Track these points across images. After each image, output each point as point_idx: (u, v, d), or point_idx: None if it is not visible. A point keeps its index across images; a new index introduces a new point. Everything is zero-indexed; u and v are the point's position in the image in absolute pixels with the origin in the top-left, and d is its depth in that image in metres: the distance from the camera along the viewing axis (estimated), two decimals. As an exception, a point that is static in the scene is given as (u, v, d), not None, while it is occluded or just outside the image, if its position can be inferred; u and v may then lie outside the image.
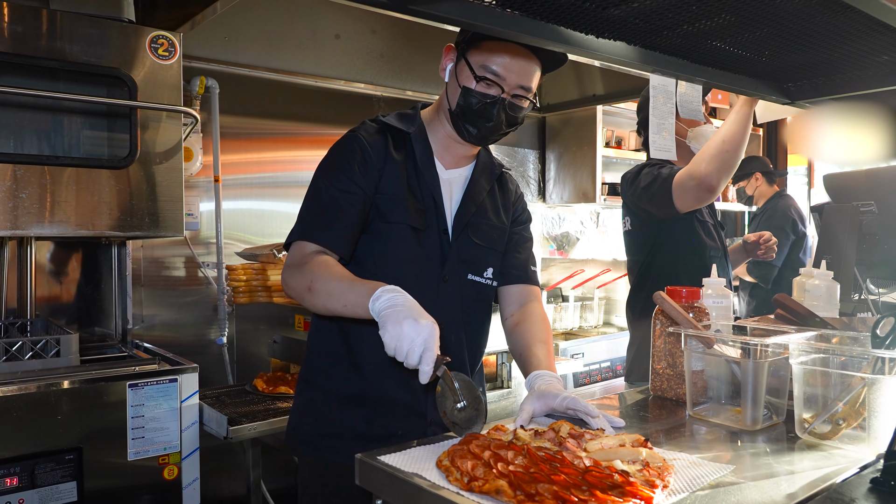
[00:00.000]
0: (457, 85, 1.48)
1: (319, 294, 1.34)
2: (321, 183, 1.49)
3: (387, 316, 1.19)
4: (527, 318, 1.62)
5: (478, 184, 1.61)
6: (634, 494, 0.92)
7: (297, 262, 1.42)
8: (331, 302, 1.33)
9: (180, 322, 2.99)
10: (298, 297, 1.40)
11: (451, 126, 1.53)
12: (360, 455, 1.10)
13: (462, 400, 1.23)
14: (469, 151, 1.59)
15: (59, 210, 2.09)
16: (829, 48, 1.38)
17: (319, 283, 1.35)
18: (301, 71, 3.33)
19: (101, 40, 2.15)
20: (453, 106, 1.49)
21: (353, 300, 1.29)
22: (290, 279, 1.42)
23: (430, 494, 0.95)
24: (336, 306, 1.33)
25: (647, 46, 1.34)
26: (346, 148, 1.50)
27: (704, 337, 1.38)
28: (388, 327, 1.18)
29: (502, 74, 1.43)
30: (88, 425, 1.99)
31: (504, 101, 1.45)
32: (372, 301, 1.24)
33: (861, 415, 1.18)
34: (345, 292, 1.31)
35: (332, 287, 1.33)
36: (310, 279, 1.36)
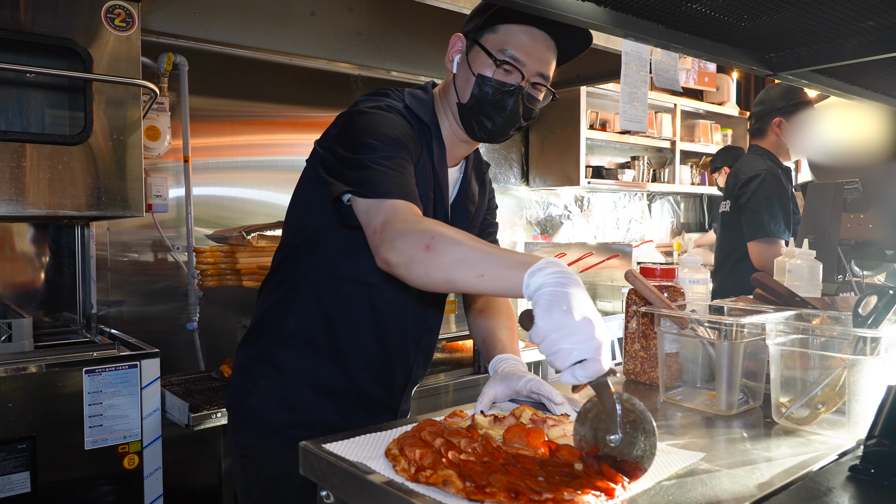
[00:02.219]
0: (470, 74, 1.35)
1: (442, 257, 1.06)
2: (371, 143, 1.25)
3: (553, 296, 0.92)
4: (491, 305, 1.56)
5: (471, 185, 1.54)
6: (594, 486, 0.85)
7: (404, 217, 1.16)
8: (457, 269, 1.06)
9: (150, 307, 2.91)
10: (406, 262, 1.11)
11: (459, 122, 1.41)
12: (305, 442, 1.02)
13: (618, 432, 0.92)
14: (466, 152, 1.51)
15: (11, 188, 1.99)
16: (811, 10, 1.31)
17: (444, 244, 1.07)
18: (275, 49, 3.22)
19: (55, 10, 2.04)
20: (465, 98, 1.37)
21: (497, 271, 1.02)
22: (397, 240, 1.12)
23: (372, 485, 0.88)
24: (465, 276, 1.05)
25: (618, 8, 1.26)
26: (388, 115, 1.32)
27: (678, 317, 1.31)
28: (553, 312, 0.90)
29: (522, 59, 1.33)
30: (43, 413, 1.90)
31: (523, 90, 1.35)
32: (530, 274, 0.97)
33: (841, 398, 1.11)
34: (484, 260, 1.04)
35: (464, 251, 1.06)
36: (429, 237, 1.09)
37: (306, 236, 1.43)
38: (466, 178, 1.53)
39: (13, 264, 2.52)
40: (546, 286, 0.94)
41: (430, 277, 1.08)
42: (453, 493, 0.83)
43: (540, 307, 0.92)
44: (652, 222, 5.39)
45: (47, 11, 2.02)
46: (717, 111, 5.28)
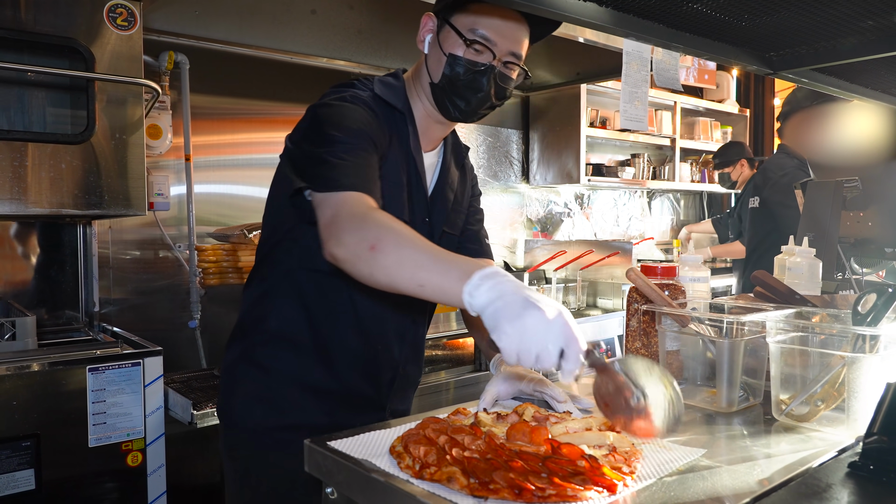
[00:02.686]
0: (441, 54, 1.34)
1: (385, 260, 1.02)
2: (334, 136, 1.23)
3: (497, 312, 0.91)
4: None
5: (450, 170, 1.52)
6: (597, 482, 0.86)
7: (354, 212, 1.12)
8: (399, 274, 1.02)
9: (152, 305, 2.91)
10: (351, 259, 1.08)
11: (432, 103, 1.40)
12: (309, 441, 1.03)
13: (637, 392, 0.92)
14: (443, 133, 1.49)
15: (14, 187, 2.00)
16: (811, 10, 1.31)
17: (389, 245, 1.03)
18: (276, 47, 3.23)
19: (57, 9, 2.04)
20: (436, 78, 1.36)
21: (437, 283, 0.99)
22: (343, 235, 1.09)
23: (378, 482, 0.89)
24: (406, 283, 1.02)
25: (619, 8, 1.27)
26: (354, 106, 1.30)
27: (679, 315, 1.32)
28: (504, 327, 0.89)
29: (493, 38, 1.31)
30: (47, 411, 1.91)
31: (495, 69, 1.34)
32: (469, 293, 0.95)
33: (840, 396, 1.12)
34: (424, 267, 1.00)
35: (406, 255, 1.02)
36: (375, 235, 1.05)
37: (284, 232, 1.41)
38: (445, 164, 1.51)
39: (15, 262, 2.53)
40: (488, 307, 0.92)
41: (374, 279, 1.06)
42: (457, 489, 0.84)
43: (494, 330, 0.91)
44: (652, 219, 5.39)
45: (49, 11, 2.03)
46: (717, 108, 5.29)
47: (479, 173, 4.13)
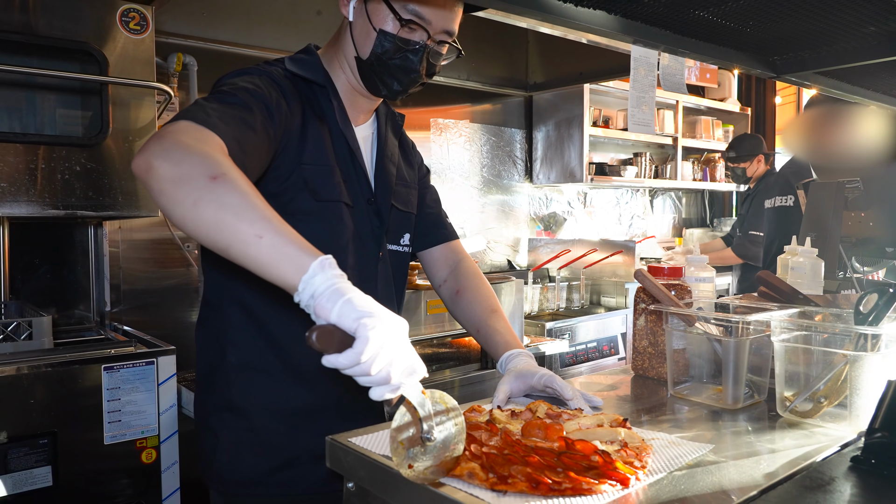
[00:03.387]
0: (370, 28, 1.22)
1: (223, 196, 0.86)
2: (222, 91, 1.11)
3: (372, 307, 0.84)
4: (466, 285, 1.48)
5: (389, 142, 1.42)
6: (610, 475, 0.90)
7: (194, 136, 0.95)
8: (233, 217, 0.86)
9: (162, 304, 2.95)
10: (178, 179, 0.88)
11: (358, 78, 1.29)
12: (331, 437, 1.07)
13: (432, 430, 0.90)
14: (373, 105, 1.39)
15: (30, 189, 2.03)
16: (814, 18, 1.35)
17: (233, 182, 0.88)
18: (282, 48, 3.25)
19: (71, 14, 2.08)
20: (364, 54, 1.24)
21: (279, 241, 0.86)
22: (175, 151, 0.90)
23: (399, 477, 0.92)
24: (240, 229, 0.86)
25: (627, 16, 1.30)
26: (258, 77, 1.18)
27: (685, 314, 1.35)
28: (383, 325, 0.83)
29: (428, 17, 1.22)
30: (63, 409, 1.95)
31: (428, 48, 1.25)
32: (320, 265, 0.85)
33: (843, 392, 1.16)
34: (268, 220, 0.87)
35: (250, 201, 0.87)
36: (221, 169, 0.89)
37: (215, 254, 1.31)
38: (381, 136, 1.41)
39: (27, 263, 2.57)
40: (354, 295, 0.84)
41: (198, 210, 0.87)
42: (477, 483, 0.88)
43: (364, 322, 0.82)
44: (654, 218, 5.43)
45: (64, 16, 2.06)
46: (719, 107, 5.32)
47: (483, 172, 4.17)
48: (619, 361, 3.58)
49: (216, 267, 1.30)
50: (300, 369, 1.28)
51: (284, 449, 1.28)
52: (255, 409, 1.28)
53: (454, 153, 4.04)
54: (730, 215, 5.84)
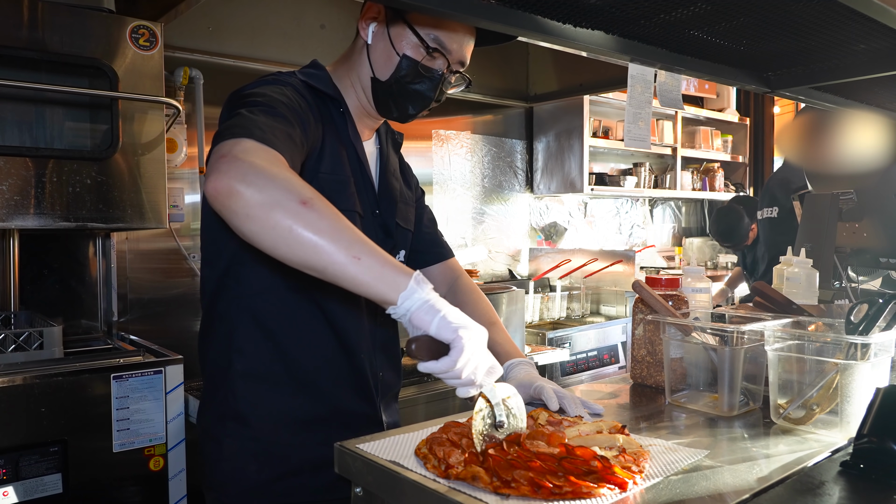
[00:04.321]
0: (392, 52, 1.25)
1: (317, 220, 0.91)
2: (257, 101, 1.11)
3: (461, 319, 0.96)
4: (465, 300, 1.50)
5: (390, 158, 1.45)
6: (609, 480, 0.93)
7: (271, 160, 0.98)
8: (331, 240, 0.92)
9: (168, 313, 2.98)
10: (269, 204, 0.91)
11: (369, 97, 1.31)
12: (339, 444, 1.10)
13: (503, 416, 1.06)
14: (376, 124, 1.42)
15: (41, 202, 2.08)
16: (806, 37, 1.39)
17: (323, 206, 0.93)
18: (286, 61, 3.31)
19: (82, 30, 2.13)
20: (383, 76, 1.27)
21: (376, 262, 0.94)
22: (259, 176, 0.93)
23: (406, 482, 0.96)
24: (337, 252, 0.92)
25: (625, 35, 1.35)
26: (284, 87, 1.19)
27: (682, 324, 1.39)
28: (471, 334, 0.96)
29: (450, 47, 1.25)
30: (73, 417, 1.98)
31: (445, 77, 1.28)
32: (417, 282, 0.96)
33: (834, 400, 1.20)
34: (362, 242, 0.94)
35: (342, 224, 0.94)
36: (309, 193, 0.93)
37: (228, 260, 1.28)
38: (384, 153, 1.43)
39: (36, 274, 2.61)
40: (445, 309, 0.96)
41: (293, 235, 0.91)
42: (481, 487, 0.92)
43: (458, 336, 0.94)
44: (654, 228, 5.47)
45: (75, 33, 2.11)
46: (718, 118, 5.37)
47: (484, 183, 4.21)
48: (619, 370, 3.61)
49: (227, 279, 1.30)
50: (305, 379, 1.30)
51: (287, 458, 1.29)
52: (260, 419, 1.29)
53: (455, 164, 4.09)
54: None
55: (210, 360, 1.35)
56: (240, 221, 0.92)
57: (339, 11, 3.45)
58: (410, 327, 0.97)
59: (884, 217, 2.03)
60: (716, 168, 5.38)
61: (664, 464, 1.03)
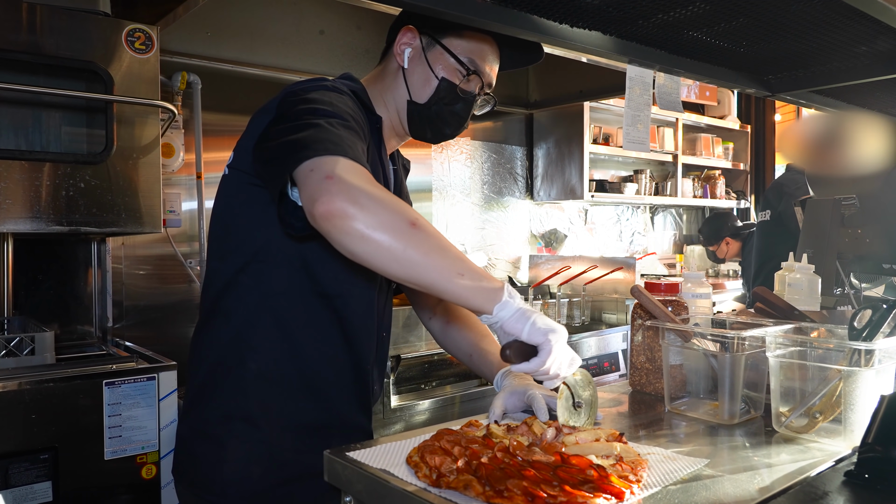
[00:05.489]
0: (430, 75, 1.29)
1: (427, 240, 0.98)
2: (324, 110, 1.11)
3: (547, 325, 1.08)
4: (456, 313, 1.51)
5: (403, 184, 1.49)
6: (605, 489, 0.90)
7: (371, 182, 1.01)
8: (440, 259, 0.99)
9: (164, 320, 2.96)
10: (383, 227, 0.96)
11: (402, 119, 1.34)
12: (329, 451, 1.08)
13: (580, 398, 1.22)
14: (399, 145, 1.45)
15: (34, 206, 2.06)
16: (806, 38, 1.37)
17: (428, 227, 1.00)
18: (285, 66, 3.30)
19: (77, 34, 2.11)
20: (421, 99, 1.30)
21: (477, 277, 1.02)
22: (366, 200, 0.96)
23: (397, 491, 0.93)
24: (445, 268, 0.99)
25: (622, 36, 1.33)
26: (342, 95, 1.20)
27: (682, 330, 1.36)
28: (557, 337, 1.08)
29: (484, 70, 1.31)
30: (64, 424, 1.95)
31: (477, 99, 1.34)
32: (510, 295, 1.07)
33: (837, 408, 1.17)
34: (464, 259, 1.02)
35: (445, 242, 1.02)
36: (414, 214, 1.00)
37: (249, 256, 1.25)
38: (398, 176, 1.47)
39: (30, 279, 2.58)
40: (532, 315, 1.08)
41: (407, 255, 0.97)
42: (473, 496, 0.89)
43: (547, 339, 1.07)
44: (654, 235, 5.45)
45: (71, 36, 2.10)
46: (719, 125, 5.36)
47: (483, 189, 4.20)
48: (619, 378, 3.57)
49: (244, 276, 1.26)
50: (315, 385, 1.29)
51: (290, 464, 1.27)
52: (269, 422, 1.26)
53: (455, 170, 4.07)
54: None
55: (212, 356, 1.30)
56: (353, 242, 0.97)
57: (339, 17, 3.43)
58: (502, 333, 1.09)
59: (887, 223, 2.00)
60: (717, 175, 5.36)
61: (663, 473, 1.01)
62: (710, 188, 5.29)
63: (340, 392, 1.33)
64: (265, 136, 1.15)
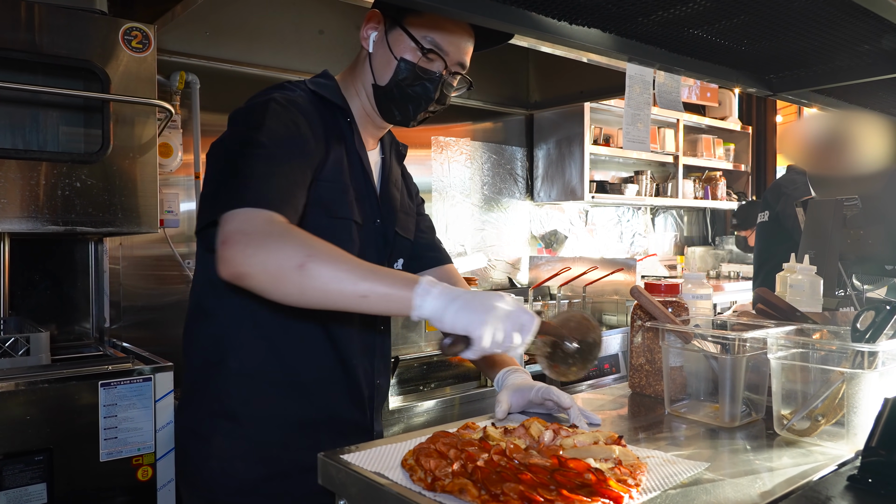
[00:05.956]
0: (391, 57, 1.29)
1: (319, 276, 1.00)
2: (261, 141, 1.15)
3: (465, 308, 1.02)
4: None
5: (393, 168, 1.47)
6: (603, 494, 0.89)
7: (266, 230, 1.05)
8: (337, 289, 1.01)
9: (161, 320, 2.94)
10: (274, 279, 1.02)
11: (373, 104, 1.35)
12: (322, 454, 1.06)
13: (573, 341, 1.19)
14: (380, 133, 1.45)
15: (30, 205, 2.04)
16: (809, 36, 1.36)
17: (319, 262, 1.01)
18: (284, 66, 3.28)
19: (74, 32, 2.10)
20: (383, 81, 1.31)
21: (383, 291, 1.02)
22: (257, 253, 1.02)
23: (391, 495, 0.92)
24: (346, 295, 1.02)
25: (622, 34, 1.31)
26: (287, 110, 1.22)
27: (682, 331, 1.35)
28: (479, 317, 1.01)
29: (446, 48, 1.29)
30: (59, 425, 1.94)
31: (443, 78, 1.31)
32: (420, 295, 1.02)
33: (840, 411, 1.15)
34: (364, 279, 1.02)
35: (342, 270, 1.02)
36: (304, 254, 1.01)
37: None
38: (387, 162, 1.46)
39: (27, 279, 2.57)
40: (448, 307, 1.02)
41: (305, 297, 1.03)
42: (469, 500, 0.87)
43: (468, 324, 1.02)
44: (655, 236, 5.43)
45: (68, 34, 2.08)
46: (720, 126, 5.34)
47: (483, 190, 4.18)
48: (619, 380, 3.55)
49: None
50: (298, 383, 1.30)
51: (276, 459, 1.29)
52: (251, 417, 1.29)
53: (455, 171, 4.05)
54: (731, 234, 5.83)
55: (199, 355, 1.34)
56: (264, 294, 1.05)
57: (338, 17, 3.42)
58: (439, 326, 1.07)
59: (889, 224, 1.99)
60: (718, 176, 5.35)
61: (662, 477, 0.99)
62: (711, 189, 5.27)
63: (327, 388, 1.33)
64: (214, 156, 1.26)
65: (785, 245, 3.09)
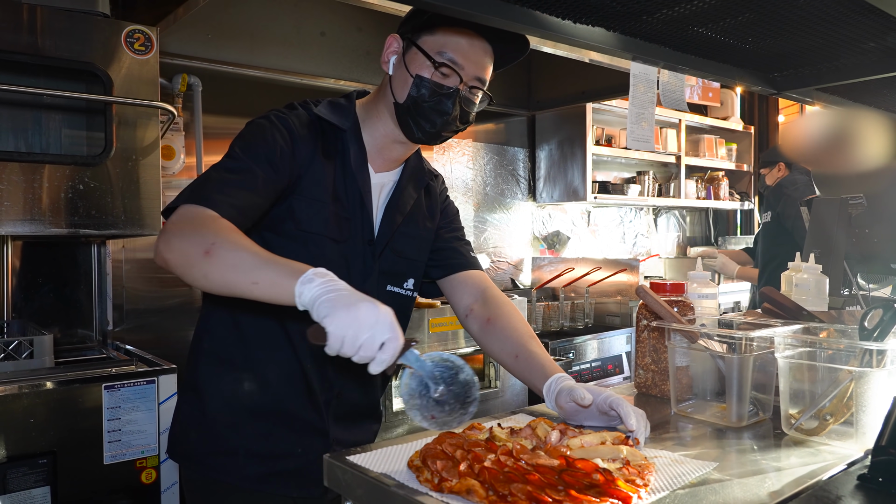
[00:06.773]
0: (407, 75, 1.33)
1: (220, 262, 1.07)
2: (234, 152, 1.29)
3: (331, 301, 0.99)
4: (498, 312, 1.48)
5: (405, 191, 1.47)
6: (612, 494, 0.88)
7: (190, 221, 1.15)
8: (234, 275, 1.07)
9: (164, 323, 2.94)
10: (185, 264, 1.11)
11: (396, 123, 1.38)
12: (328, 455, 1.06)
13: (439, 384, 1.09)
14: (403, 155, 1.46)
15: (32, 208, 2.04)
16: (813, 34, 1.35)
17: (223, 249, 1.08)
18: (286, 69, 3.28)
19: (76, 35, 2.10)
20: (401, 99, 1.34)
21: (271, 278, 1.05)
22: (174, 240, 1.13)
23: (398, 496, 0.91)
24: (240, 282, 1.07)
25: (626, 32, 1.31)
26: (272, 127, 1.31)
27: (688, 331, 1.34)
28: (339, 313, 0.98)
29: (461, 62, 1.31)
30: (63, 428, 1.93)
31: (460, 93, 1.33)
32: (301, 283, 1.02)
33: (849, 410, 1.14)
34: (258, 267, 1.06)
35: (241, 257, 1.08)
36: (210, 241, 1.09)
37: None
38: (400, 186, 1.47)
39: (30, 281, 2.57)
40: (320, 298, 1.00)
41: (209, 281, 1.10)
42: (476, 501, 0.87)
43: (325, 315, 0.99)
44: (658, 236, 5.42)
45: (70, 37, 2.08)
46: (722, 126, 5.33)
47: (486, 191, 4.18)
48: (623, 381, 3.55)
49: None
50: (259, 371, 1.38)
51: (225, 438, 1.38)
52: (209, 396, 1.40)
53: (457, 172, 4.05)
54: (734, 233, 5.82)
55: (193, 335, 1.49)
56: (183, 279, 1.14)
57: (340, 19, 3.42)
58: None
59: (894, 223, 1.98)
60: (720, 176, 5.34)
61: (670, 477, 0.98)
62: (713, 189, 5.26)
63: (283, 383, 1.39)
64: None
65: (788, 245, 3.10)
